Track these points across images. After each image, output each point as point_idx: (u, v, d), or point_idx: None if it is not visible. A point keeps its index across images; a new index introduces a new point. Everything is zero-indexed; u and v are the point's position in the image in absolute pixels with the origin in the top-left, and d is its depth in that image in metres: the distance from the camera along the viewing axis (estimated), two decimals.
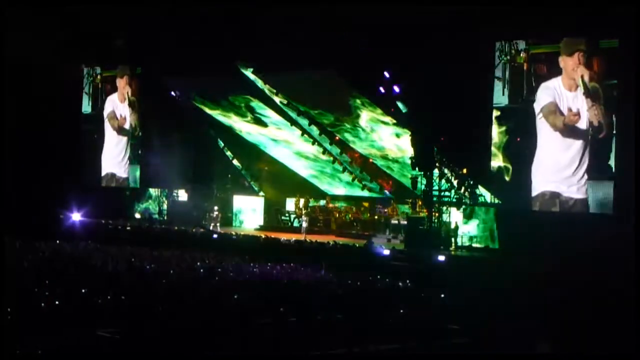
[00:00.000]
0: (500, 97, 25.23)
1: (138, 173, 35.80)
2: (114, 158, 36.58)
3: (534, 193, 24.48)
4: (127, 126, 36.04)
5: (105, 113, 36.76)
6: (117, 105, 36.33)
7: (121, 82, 36.04)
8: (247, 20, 27.75)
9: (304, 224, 30.56)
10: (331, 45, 26.21)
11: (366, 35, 25.56)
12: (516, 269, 22.10)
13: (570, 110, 23.65)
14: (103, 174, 36.84)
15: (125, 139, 36.22)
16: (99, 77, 36.88)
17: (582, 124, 23.49)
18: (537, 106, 24.48)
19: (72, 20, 31.82)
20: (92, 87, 37.16)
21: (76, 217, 33.22)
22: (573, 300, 17.86)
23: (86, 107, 37.62)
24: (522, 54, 24.66)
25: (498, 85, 25.21)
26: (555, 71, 23.95)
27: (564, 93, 23.93)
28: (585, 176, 23.48)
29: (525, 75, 24.79)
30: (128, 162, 36.07)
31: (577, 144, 23.68)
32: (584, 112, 23.38)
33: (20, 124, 32.80)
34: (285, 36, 26.90)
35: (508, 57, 24.90)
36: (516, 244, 24.55)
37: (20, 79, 32.08)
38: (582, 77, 23.30)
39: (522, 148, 25.00)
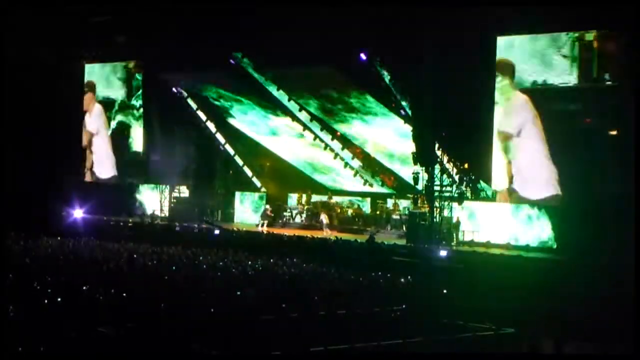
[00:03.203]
0: (567, 76, 24.19)
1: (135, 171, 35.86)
2: (102, 164, 37.21)
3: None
4: (102, 137, 36.45)
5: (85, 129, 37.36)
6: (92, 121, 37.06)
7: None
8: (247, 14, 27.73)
9: (324, 221, 30.50)
10: (331, 41, 26.20)
11: (367, 29, 25.56)
12: (517, 266, 22.08)
13: None
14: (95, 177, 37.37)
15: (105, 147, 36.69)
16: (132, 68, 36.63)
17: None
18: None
19: (72, 18, 31.79)
20: (126, 76, 36.90)
21: (78, 213, 33.20)
22: (573, 298, 17.87)
23: (123, 97, 37.24)
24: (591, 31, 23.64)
25: (565, 64, 24.16)
26: (624, 51, 22.95)
27: None
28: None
29: (597, 53, 23.74)
30: (116, 167, 36.59)
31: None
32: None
33: (20, 120, 32.75)
34: (284, 31, 26.89)
35: (577, 35, 23.90)
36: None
37: (20, 77, 32.08)
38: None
39: (593, 130, 24.01)
